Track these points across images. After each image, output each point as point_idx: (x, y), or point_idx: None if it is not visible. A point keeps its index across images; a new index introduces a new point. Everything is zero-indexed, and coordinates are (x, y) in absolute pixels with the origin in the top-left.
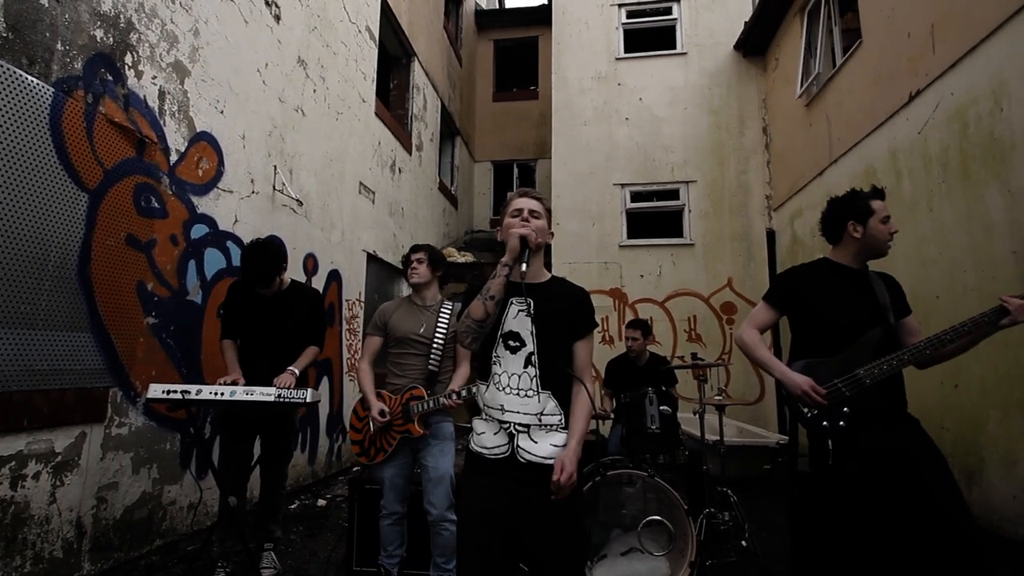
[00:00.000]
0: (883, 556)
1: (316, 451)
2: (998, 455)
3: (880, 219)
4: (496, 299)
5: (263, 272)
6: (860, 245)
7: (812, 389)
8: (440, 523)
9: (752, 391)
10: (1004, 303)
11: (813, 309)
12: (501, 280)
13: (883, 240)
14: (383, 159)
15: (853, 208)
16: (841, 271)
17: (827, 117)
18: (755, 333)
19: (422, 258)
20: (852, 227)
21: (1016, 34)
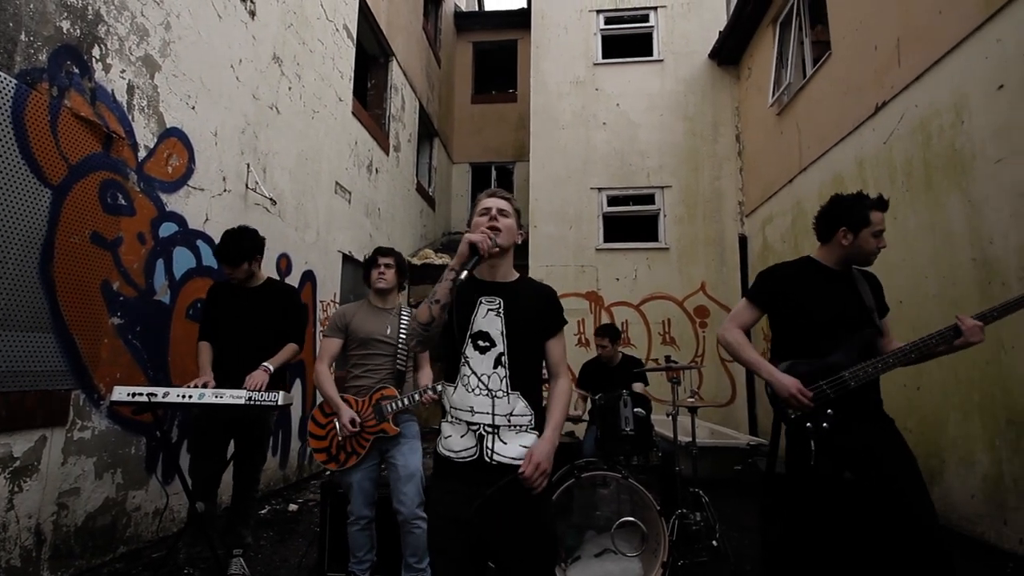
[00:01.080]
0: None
1: (288, 455)
2: (958, 456)
3: (873, 232)
4: (442, 303)
5: (239, 250)
6: (846, 252)
7: (800, 392)
8: (411, 522)
9: (724, 393)
10: (959, 322)
11: (798, 309)
12: (447, 285)
13: (869, 253)
14: (360, 159)
15: (850, 215)
16: (825, 271)
17: (797, 126)
18: (739, 333)
19: (391, 263)
20: (843, 233)
21: (976, 50)
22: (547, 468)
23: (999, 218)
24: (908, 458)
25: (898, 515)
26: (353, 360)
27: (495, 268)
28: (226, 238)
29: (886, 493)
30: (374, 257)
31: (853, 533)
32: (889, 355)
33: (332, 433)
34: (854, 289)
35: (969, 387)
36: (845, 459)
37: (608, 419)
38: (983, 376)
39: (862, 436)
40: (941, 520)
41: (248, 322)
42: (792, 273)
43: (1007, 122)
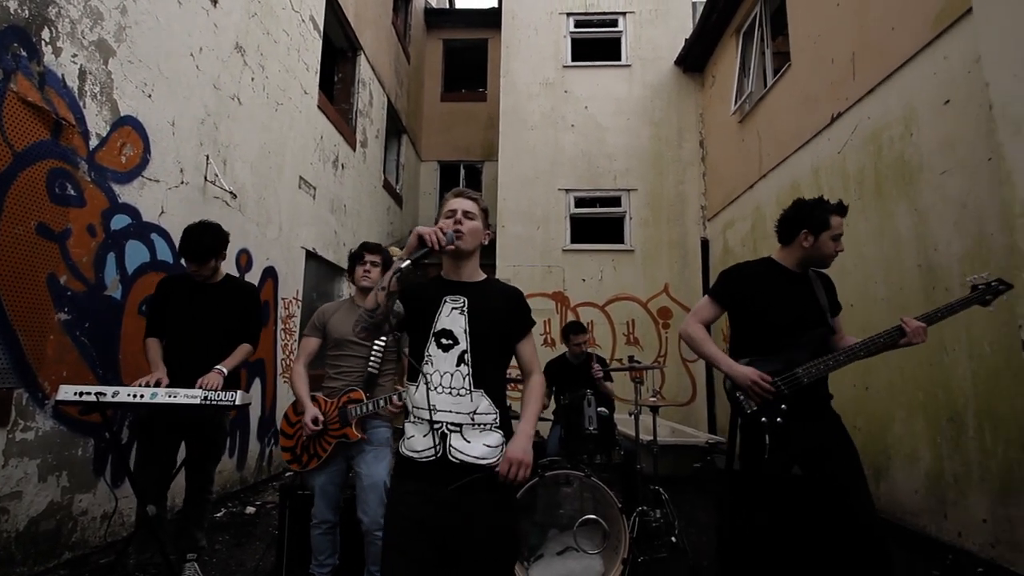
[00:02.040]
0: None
1: (246, 456)
2: (903, 452)
3: (832, 235)
4: (387, 291)
5: (206, 246)
6: (806, 254)
7: (760, 379)
8: (374, 532)
9: (685, 393)
10: (903, 324)
11: (757, 308)
12: (391, 274)
13: (828, 255)
14: (325, 154)
15: (812, 218)
16: (785, 273)
17: (758, 134)
18: (700, 328)
19: (377, 261)
20: (804, 236)
21: (925, 66)
22: (524, 461)
23: (943, 227)
24: (852, 456)
25: (840, 510)
26: (328, 360)
27: (460, 268)
28: (192, 234)
29: (830, 489)
30: (360, 252)
31: (801, 526)
32: (840, 352)
33: (300, 433)
34: (811, 290)
35: (914, 387)
36: (795, 455)
37: (572, 418)
38: (927, 377)
39: (811, 433)
40: (887, 514)
41: (206, 320)
42: (753, 273)
43: (952, 136)
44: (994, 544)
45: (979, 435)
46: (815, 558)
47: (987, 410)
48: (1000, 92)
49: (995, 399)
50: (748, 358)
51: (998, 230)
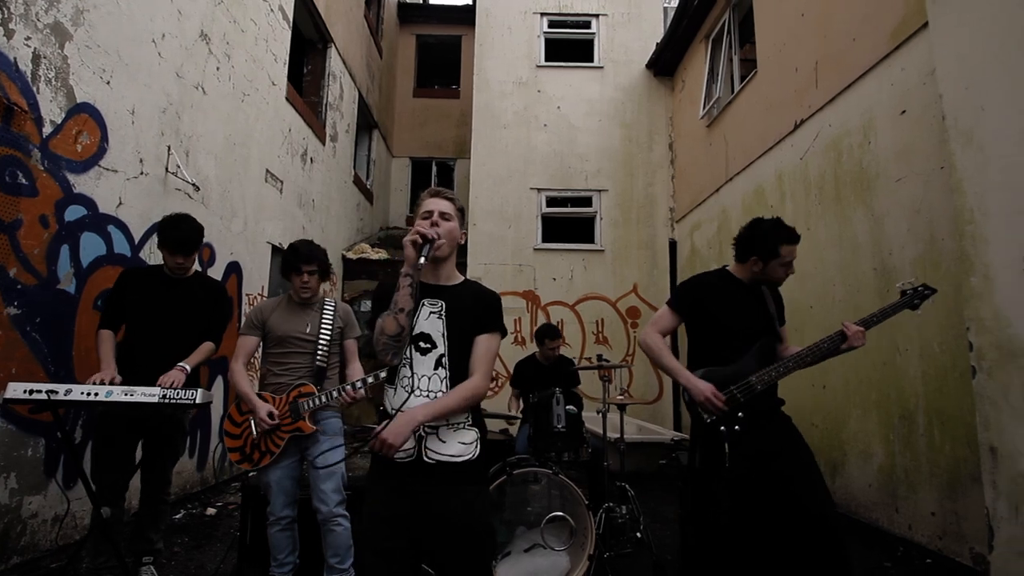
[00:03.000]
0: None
1: (206, 456)
2: (857, 449)
3: (781, 263)
4: (406, 311)
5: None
6: (755, 276)
7: (714, 395)
8: (331, 520)
9: (652, 391)
10: (844, 328)
11: (713, 318)
12: (406, 291)
13: (777, 280)
14: (293, 147)
15: (762, 246)
16: (739, 284)
17: (725, 139)
18: (659, 338)
19: (314, 270)
20: (754, 261)
21: (883, 77)
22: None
23: (898, 232)
24: (805, 454)
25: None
26: (271, 358)
27: (438, 271)
28: (179, 224)
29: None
30: (296, 265)
31: (761, 522)
32: (789, 360)
33: (247, 431)
34: (762, 301)
35: (868, 387)
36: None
37: (541, 417)
38: (880, 377)
39: (767, 436)
40: (843, 508)
41: (176, 317)
42: (709, 284)
43: (908, 145)
44: (941, 536)
45: (928, 432)
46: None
47: (936, 408)
48: (952, 104)
49: (943, 398)
50: (704, 369)
51: (948, 236)
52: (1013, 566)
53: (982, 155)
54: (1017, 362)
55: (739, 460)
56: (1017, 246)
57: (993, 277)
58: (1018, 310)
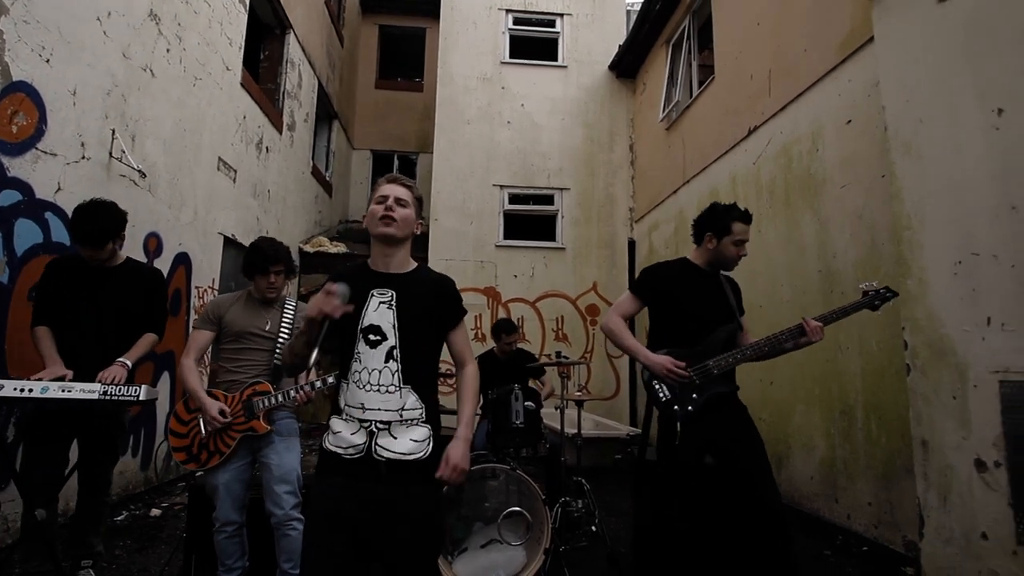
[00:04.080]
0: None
1: (151, 455)
2: (801, 442)
3: (733, 241)
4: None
5: (102, 229)
6: (711, 255)
7: (674, 365)
8: (286, 524)
9: (609, 387)
10: (804, 323)
11: (674, 304)
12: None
13: (729, 258)
14: (248, 135)
15: (717, 222)
16: (698, 272)
17: (683, 141)
18: (620, 321)
19: (281, 270)
20: (708, 238)
21: (831, 87)
22: (464, 467)
23: (841, 236)
24: (758, 446)
25: (748, 496)
26: (225, 354)
27: (389, 258)
28: (86, 214)
29: (738, 477)
30: (263, 266)
31: (712, 512)
32: (747, 347)
33: (195, 430)
34: (721, 290)
35: (812, 382)
36: (706, 445)
37: (499, 413)
38: (823, 373)
39: (720, 423)
40: (787, 499)
41: (105, 307)
42: (671, 272)
43: (852, 153)
44: (876, 525)
45: (866, 426)
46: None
47: (874, 403)
48: (894, 115)
49: (881, 394)
50: (664, 350)
51: (888, 241)
52: (941, 552)
53: (920, 165)
54: (947, 360)
55: (692, 442)
56: (949, 252)
57: (927, 281)
58: (949, 312)
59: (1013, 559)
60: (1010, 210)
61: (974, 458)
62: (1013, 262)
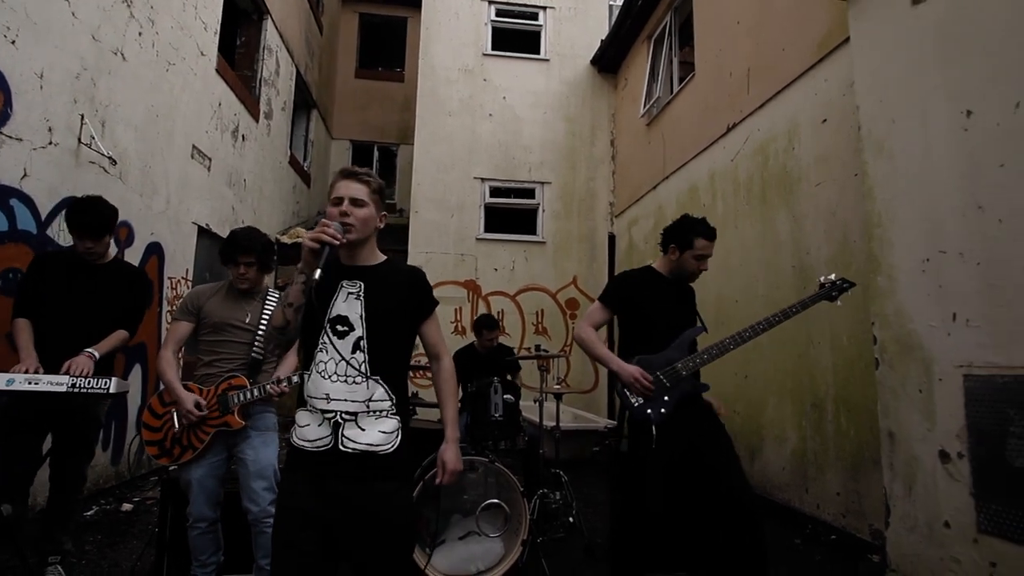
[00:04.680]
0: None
1: (122, 449)
2: (773, 434)
3: (694, 255)
4: (295, 306)
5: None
6: (674, 266)
7: (641, 376)
8: (263, 520)
9: (588, 380)
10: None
11: (641, 311)
12: (298, 288)
13: (690, 271)
14: (224, 123)
15: (681, 236)
16: (664, 280)
17: (663, 137)
18: (591, 331)
19: (252, 262)
20: (672, 250)
21: (808, 86)
22: (460, 469)
23: (815, 233)
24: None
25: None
26: (203, 346)
27: (355, 253)
28: (84, 207)
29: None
30: (233, 255)
31: (684, 504)
32: (713, 347)
33: (168, 424)
34: (686, 296)
35: (784, 376)
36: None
37: (478, 405)
38: (795, 367)
39: (689, 420)
40: (759, 489)
41: (91, 305)
42: (637, 280)
43: (827, 152)
44: (845, 514)
45: (836, 419)
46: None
47: (844, 397)
48: (867, 115)
49: (850, 387)
50: (637, 356)
51: (859, 238)
52: (905, 541)
53: (892, 164)
54: (914, 355)
55: (667, 441)
56: (918, 250)
57: (896, 277)
58: (916, 308)
59: (974, 547)
60: (976, 209)
61: (938, 449)
62: (979, 260)
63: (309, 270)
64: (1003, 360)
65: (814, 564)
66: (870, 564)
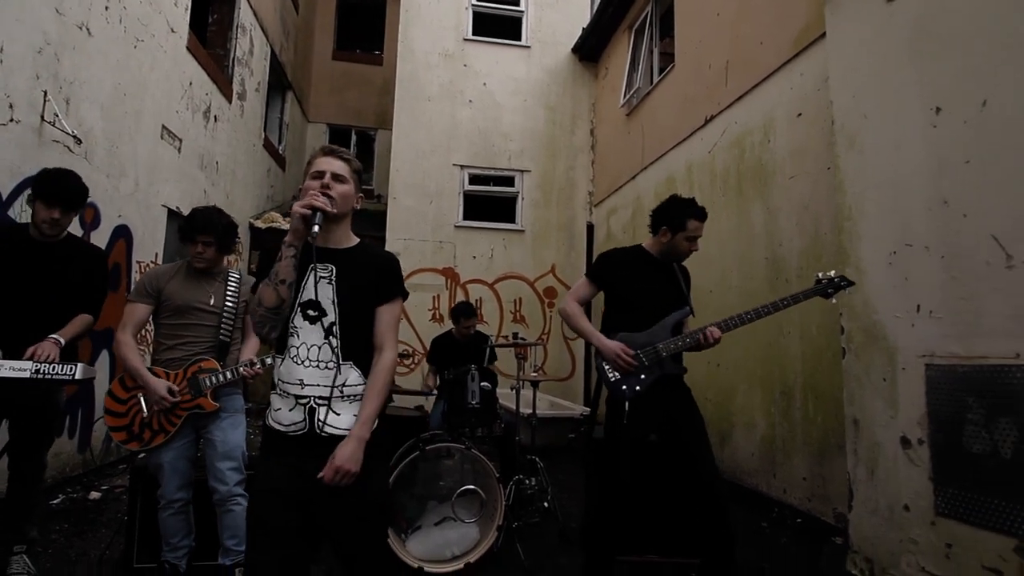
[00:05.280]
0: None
1: (90, 436)
2: (743, 420)
3: (687, 237)
4: (287, 282)
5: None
6: (665, 247)
7: (623, 351)
8: (229, 500)
9: (565, 368)
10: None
11: (627, 290)
12: (288, 262)
13: (682, 252)
14: (195, 103)
15: (672, 217)
16: (652, 260)
17: (642, 128)
18: (576, 305)
19: (210, 241)
20: (664, 231)
21: (784, 80)
22: (350, 470)
23: (788, 225)
24: (700, 426)
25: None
26: (166, 330)
27: (328, 234)
28: (59, 176)
29: (681, 455)
30: (191, 234)
31: (655, 486)
32: (696, 331)
33: (135, 409)
34: (674, 278)
35: (755, 364)
36: (652, 424)
37: (456, 393)
38: (765, 355)
39: (666, 402)
40: (729, 475)
41: (44, 283)
42: (624, 258)
43: (801, 145)
44: (810, 499)
45: (804, 406)
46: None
47: (811, 384)
48: (840, 110)
49: (818, 375)
50: (619, 333)
51: (830, 231)
52: (867, 523)
53: (863, 159)
54: (879, 345)
55: (639, 419)
56: (886, 243)
57: (864, 270)
58: (882, 299)
59: (931, 529)
60: (942, 204)
61: (900, 436)
62: (943, 253)
63: (299, 241)
64: (963, 350)
65: (780, 547)
66: (833, 546)
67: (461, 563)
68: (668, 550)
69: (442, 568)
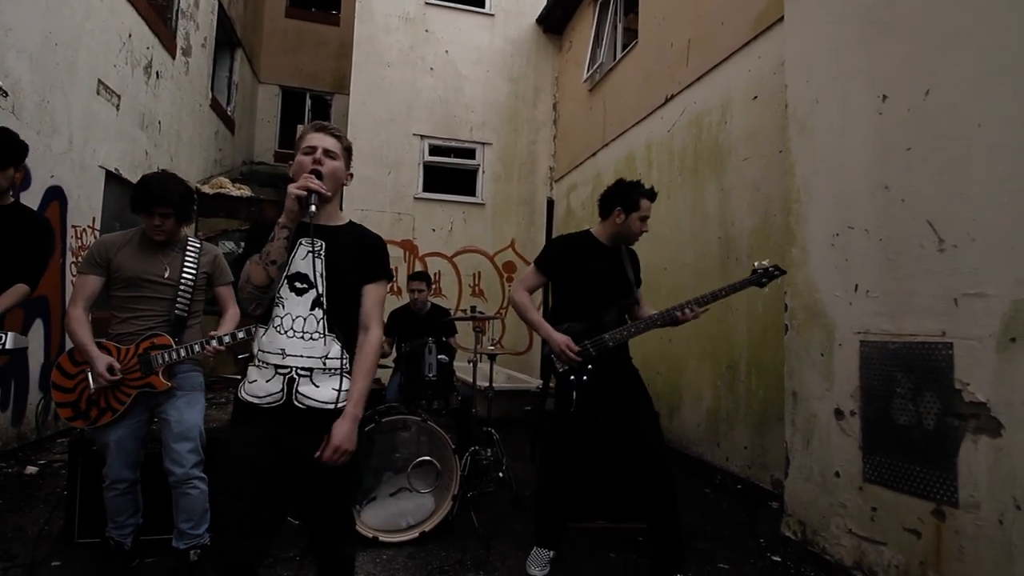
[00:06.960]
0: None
1: (24, 409)
2: (691, 393)
3: (640, 217)
4: (278, 264)
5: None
6: (617, 230)
7: (568, 347)
8: (185, 483)
9: (522, 343)
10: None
11: (574, 278)
12: (281, 244)
13: (634, 234)
14: (135, 57)
15: (626, 198)
16: (600, 247)
17: (604, 104)
18: (526, 295)
19: (168, 213)
20: (617, 213)
21: (742, 62)
22: (349, 449)
23: (740, 206)
24: (647, 403)
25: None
26: (117, 302)
27: (318, 212)
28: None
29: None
30: (147, 205)
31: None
32: (641, 321)
33: (83, 385)
34: (620, 264)
35: (704, 340)
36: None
37: (412, 365)
38: (715, 331)
39: (612, 388)
40: (677, 445)
41: None
42: (573, 246)
43: (756, 128)
44: (750, 466)
45: (748, 379)
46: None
47: (755, 359)
48: (794, 94)
49: (762, 350)
50: (566, 324)
51: (779, 212)
52: (801, 488)
53: (812, 143)
54: (819, 322)
55: (586, 406)
56: (829, 225)
57: (808, 250)
58: (823, 279)
59: (859, 494)
60: (883, 189)
61: (834, 408)
62: (881, 236)
63: (292, 223)
64: (894, 328)
65: (722, 511)
66: (770, 511)
67: (416, 532)
68: (616, 516)
69: (397, 537)
